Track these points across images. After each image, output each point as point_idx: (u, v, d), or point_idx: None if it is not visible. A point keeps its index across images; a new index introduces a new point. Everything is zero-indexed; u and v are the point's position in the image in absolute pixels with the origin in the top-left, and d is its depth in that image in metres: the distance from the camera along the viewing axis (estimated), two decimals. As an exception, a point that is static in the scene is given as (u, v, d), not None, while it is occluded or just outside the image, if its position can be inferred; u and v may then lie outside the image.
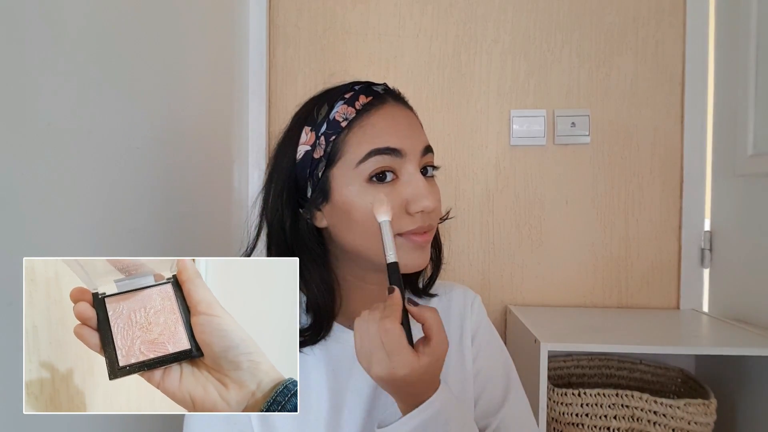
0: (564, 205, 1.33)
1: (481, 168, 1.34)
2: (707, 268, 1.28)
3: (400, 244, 0.57)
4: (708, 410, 0.95)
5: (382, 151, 0.56)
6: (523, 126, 1.32)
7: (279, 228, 0.61)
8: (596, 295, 1.32)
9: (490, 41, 1.33)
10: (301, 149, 0.60)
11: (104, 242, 0.69)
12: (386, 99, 0.60)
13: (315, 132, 0.59)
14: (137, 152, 0.77)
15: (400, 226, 0.57)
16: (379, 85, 0.62)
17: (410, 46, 1.34)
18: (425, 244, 0.59)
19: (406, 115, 0.61)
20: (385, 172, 0.57)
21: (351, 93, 0.59)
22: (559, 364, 1.25)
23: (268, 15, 1.32)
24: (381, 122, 0.58)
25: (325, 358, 0.62)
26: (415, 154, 0.58)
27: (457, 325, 0.69)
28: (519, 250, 1.33)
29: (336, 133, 0.57)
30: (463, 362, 0.67)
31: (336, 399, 0.60)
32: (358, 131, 0.57)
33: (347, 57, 1.35)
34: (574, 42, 1.32)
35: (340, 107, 0.58)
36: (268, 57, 1.32)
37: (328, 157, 0.58)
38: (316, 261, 0.60)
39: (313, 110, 0.60)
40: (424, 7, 1.34)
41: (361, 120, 0.58)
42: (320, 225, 0.61)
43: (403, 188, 0.57)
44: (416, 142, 0.59)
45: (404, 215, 0.57)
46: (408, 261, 0.58)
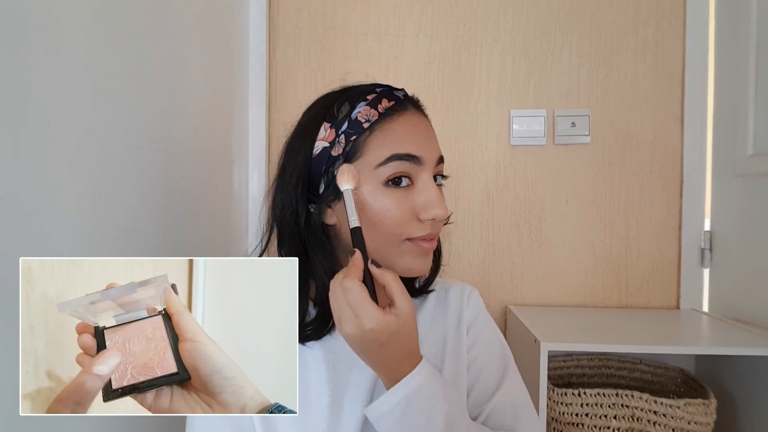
0: (564, 205, 1.33)
1: (481, 168, 1.34)
2: (707, 268, 1.28)
3: (408, 249, 0.59)
4: (708, 410, 0.95)
5: (402, 156, 0.58)
6: (523, 126, 1.32)
7: (293, 221, 0.61)
8: (596, 295, 1.32)
9: (490, 41, 1.33)
10: (318, 145, 0.60)
11: (104, 242, 0.69)
12: (407, 106, 0.62)
13: (335, 129, 0.60)
14: (137, 152, 0.77)
15: (410, 231, 0.58)
16: (399, 90, 0.63)
17: (410, 46, 1.34)
18: (430, 251, 0.61)
19: (425, 123, 0.63)
20: (401, 177, 0.58)
21: (374, 95, 0.60)
22: (559, 364, 1.25)
23: (268, 15, 1.32)
24: (403, 128, 0.59)
25: (324, 355, 0.63)
26: (431, 163, 0.60)
27: (455, 317, 0.70)
28: (519, 250, 1.33)
29: (357, 133, 0.59)
30: (459, 353, 0.68)
31: (336, 394, 0.61)
32: (379, 134, 0.59)
33: (347, 57, 1.35)
34: (574, 42, 1.32)
35: (363, 108, 0.59)
36: (268, 57, 1.32)
37: (346, 155, 0.59)
38: (326, 255, 0.61)
39: (333, 107, 0.61)
40: (424, 7, 1.34)
41: (383, 123, 0.59)
42: (329, 222, 0.62)
43: (417, 195, 0.59)
44: (433, 152, 0.61)
45: (414, 221, 0.59)
46: (414, 266, 0.60)
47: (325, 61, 1.35)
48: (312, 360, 0.62)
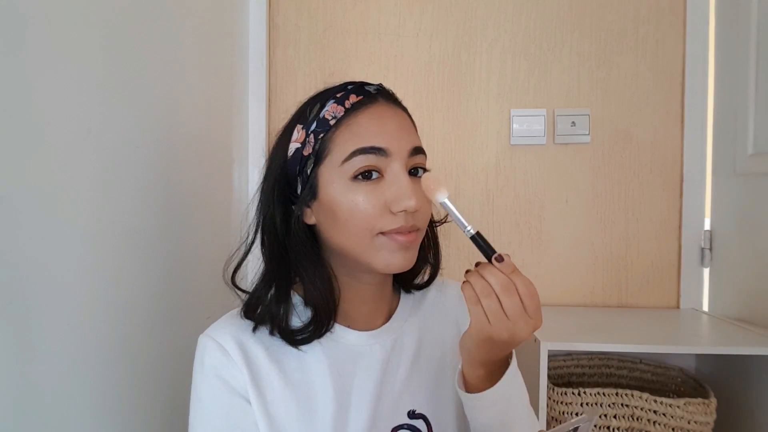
0: (564, 204, 1.33)
1: (481, 167, 1.34)
2: (707, 268, 1.28)
3: (383, 244, 0.57)
4: (708, 409, 0.95)
5: (366, 150, 0.56)
6: (524, 125, 1.32)
7: (271, 223, 0.61)
8: (596, 295, 1.32)
9: (490, 40, 1.33)
10: (292, 146, 0.60)
11: (104, 241, 0.69)
12: (376, 98, 0.60)
13: (305, 130, 0.59)
14: (137, 152, 0.77)
15: (381, 225, 0.57)
16: (372, 85, 0.62)
17: (410, 46, 1.34)
18: (410, 245, 0.59)
19: (396, 115, 0.61)
20: (370, 171, 0.57)
21: (342, 92, 0.60)
22: (559, 364, 1.25)
23: (268, 14, 1.32)
24: (367, 121, 0.58)
25: (328, 360, 0.62)
26: (402, 154, 0.58)
27: (453, 314, 0.71)
28: (519, 250, 1.33)
29: (324, 131, 0.58)
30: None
31: (342, 399, 0.60)
32: (344, 130, 0.58)
33: (347, 56, 1.35)
34: (575, 41, 1.31)
35: (330, 105, 0.59)
36: (268, 56, 1.32)
37: (317, 155, 0.58)
38: (309, 256, 0.61)
39: (307, 109, 0.61)
40: (425, 7, 1.34)
41: (348, 119, 0.58)
42: (309, 222, 0.62)
43: (387, 187, 0.57)
44: (403, 143, 0.59)
45: (387, 214, 0.57)
46: (392, 261, 0.58)
47: (325, 61, 1.34)
48: (315, 364, 0.61)
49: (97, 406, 0.67)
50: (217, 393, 0.58)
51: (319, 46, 1.34)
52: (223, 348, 0.59)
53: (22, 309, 0.53)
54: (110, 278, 0.70)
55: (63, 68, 0.60)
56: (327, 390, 0.60)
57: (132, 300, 0.75)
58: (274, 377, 0.59)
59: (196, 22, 1.01)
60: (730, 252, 1.21)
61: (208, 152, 1.07)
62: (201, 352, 0.60)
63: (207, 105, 1.06)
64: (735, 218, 1.19)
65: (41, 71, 0.57)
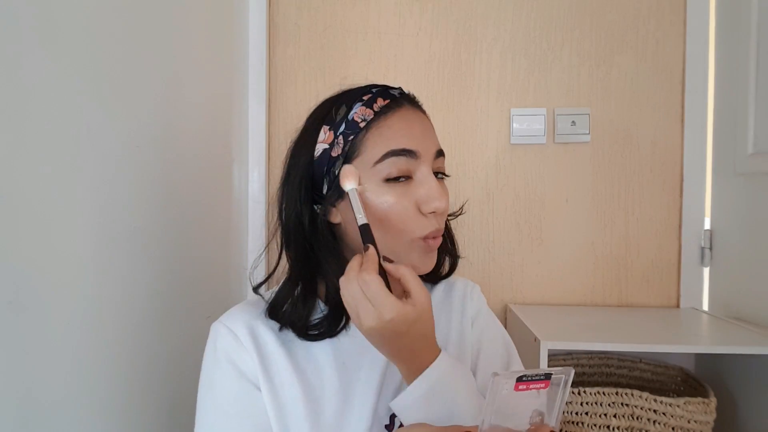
0: (564, 203, 1.33)
1: (481, 166, 1.34)
2: (707, 267, 1.28)
3: (416, 247, 0.61)
4: (708, 409, 0.95)
5: (398, 152, 0.59)
6: (523, 124, 1.32)
7: (297, 223, 0.62)
8: (596, 294, 1.32)
9: (490, 39, 1.33)
10: (319, 147, 0.62)
11: (104, 241, 0.69)
12: (402, 102, 0.63)
13: (333, 131, 0.61)
14: (137, 152, 0.77)
15: (415, 229, 0.60)
16: (395, 89, 0.64)
17: (410, 45, 1.34)
18: (435, 248, 0.63)
19: (421, 118, 0.64)
20: (404, 175, 0.60)
21: (369, 95, 0.62)
22: (559, 363, 1.25)
23: (268, 14, 1.31)
24: (397, 124, 0.61)
25: (334, 353, 0.63)
26: (429, 157, 0.61)
27: (459, 311, 0.72)
28: (519, 249, 1.33)
29: (354, 133, 0.60)
30: (462, 346, 0.69)
31: (347, 391, 0.62)
32: (375, 132, 0.60)
33: (347, 56, 1.34)
34: (575, 40, 1.31)
35: (359, 108, 0.61)
36: (268, 56, 1.32)
37: (346, 155, 0.60)
38: (333, 254, 0.62)
39: (332, 110, 0.62)
40: (425, 6, 1.34)
41: (378, 121, 0.60)
42: (334, 221, 0.63)
43: (417, 188, 0.60)
44: (430, 145, 0.62)
45: (418, 216, 0.60)
46: (421, 264, 0.62)
47: (325, 60, 1.34)
48: (322, 357, 0.63)
49: (97, 405, 0.67)
50: (227, 377, 0.60)
51: (319, 45, 1.34)
52: (234, 334, 0.62)
53: (22, 309, 0.53)
54: (110, 278, 0.70)
55: (62, 67, 0.60)
56: (333, 381, 0.62)
57: (132, 299, 0.75)
58: (282, 361, 0.61)
59: (196, 21, 1.01)
60: (730, 251, 1.21)
61: (208, 151, 1.07)
62: (213, 338, 0.63)
63: (207, 104, 1.06)
64: (735, 218, 1.19)
65: (40, 70, 0.57)
